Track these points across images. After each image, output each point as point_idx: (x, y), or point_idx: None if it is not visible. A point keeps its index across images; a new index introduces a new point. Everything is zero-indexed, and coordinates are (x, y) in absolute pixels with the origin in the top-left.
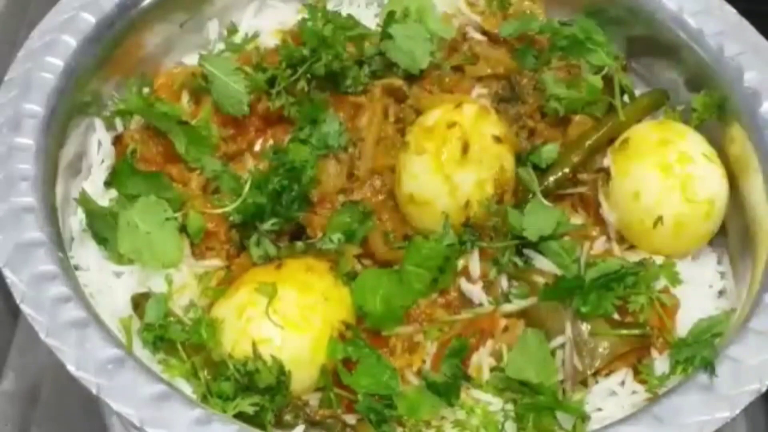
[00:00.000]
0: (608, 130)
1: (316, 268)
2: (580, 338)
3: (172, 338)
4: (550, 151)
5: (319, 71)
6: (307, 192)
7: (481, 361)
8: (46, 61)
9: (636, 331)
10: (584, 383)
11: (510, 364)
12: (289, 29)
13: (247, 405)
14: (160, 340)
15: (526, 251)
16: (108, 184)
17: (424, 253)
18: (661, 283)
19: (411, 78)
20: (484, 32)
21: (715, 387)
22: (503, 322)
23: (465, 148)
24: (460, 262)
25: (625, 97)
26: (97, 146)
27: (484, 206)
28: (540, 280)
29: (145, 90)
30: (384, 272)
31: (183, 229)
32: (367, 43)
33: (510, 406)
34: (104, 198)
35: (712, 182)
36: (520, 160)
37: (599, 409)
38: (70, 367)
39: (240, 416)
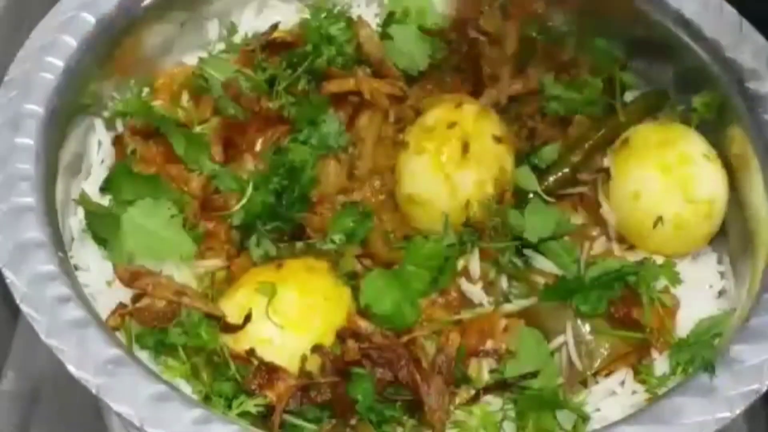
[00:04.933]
0: (608, 130)
1: (317, 268)
2: (580, 338)
3: (173, 341)
4: (550, 151)
5: (322, 66)
6: (307, 192)
7: (481, 361)
8: (46, 61)
9: (636, 332)
10: (584, 383)
11: (509, 364)
12: (289, 29)
13: (251, 405)
14: (161, 344)
15: (526, 251)
16: (103, 190)
17: (424, 253)
18: (661, 283)
19: (411, 78)
20: (484, 32)
21: (715, 387)
22: (503, 323)
23: (465, 148)
24: (460, 262)
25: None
26: (97, 146)
27: (484, 206)
28: (540, 280)
29: (146, 90)
30: (393, 273)
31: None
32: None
33: (510, 406)
34: (104, 198)
35: (712, 182)
36: (520, 160)
37: (599, 410)
38: (70, 367)
39: (243, 416)
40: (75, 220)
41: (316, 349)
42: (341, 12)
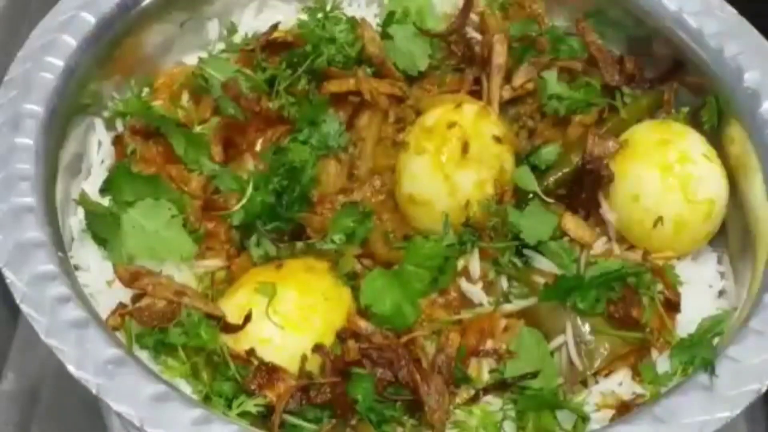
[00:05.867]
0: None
1: (316, 268)
2: (580, 338)
3: (173, 341)
4: (549, 152)
5: (322, 66)
6: (307, 192)
7: (481, 361)
8: (46, 61)
9: (636, 332)
10: (584, 383)
11: (509, 364)
12: (290, 29)
13: (251, 405)
14: (161, 344)
15: (526, 251)
16: (103, 191)
17: (424, 253)
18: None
19: (411, 78)
20: (484, 32)
21: (715, 387)
22: (503, 323)
23: (465, 148)
24: (460, 262)
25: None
26: (97, 146)
27: (484, 206)
28: (540, 280)
29: (146, 90)
30: (393, 273)
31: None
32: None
33: (510, 406)
34: (104, 198)
35: (712, 182)
36: (520, 160)
37: (599, 410)
38: (70, 367)
39: (243, 416)
40: (75, 220)
41: (317, 349)
42: (338, 12)
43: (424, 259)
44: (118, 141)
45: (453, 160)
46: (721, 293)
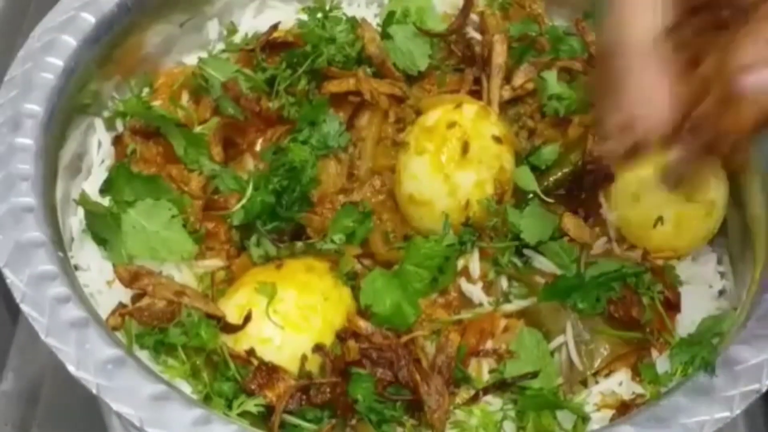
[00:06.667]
0: None
1: (316, 268)
2: (580, 338)
3: (173, 341)
4: (549, 152)
5: (322, 65)
6: (307, 192)
7: (481, 361)
8: (46, 61)
9: (636, 332)
10: (584, 383)
11: (509, 364)
12: (290, 29)
13: (251, 405)
14: (161, 344)
15: (525, 251)
16: (103, 191)
17: (424, 253)
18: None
19: (411, 78)
20: (484, 32)
21: (715, 387)
22: (503, 322)
23: (465, 148)
24: (460, 262)
25: None
26: (97, 146)
27: (484, 206)
28: (540, 280)
29: (146, 90)
30: (393, 273)
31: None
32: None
33: (510, 406)
34: (104, 198)
35: (712, 182)
36: (520, 160)
37: (599, 410)
38: (70, 367)
39: (243, 416)
40: (75, 220)
41: (317, 349)
42: (338, 12)
43: (424, 259)
44: (118, 141)
45: (453, 160)
46: (721, 293)
